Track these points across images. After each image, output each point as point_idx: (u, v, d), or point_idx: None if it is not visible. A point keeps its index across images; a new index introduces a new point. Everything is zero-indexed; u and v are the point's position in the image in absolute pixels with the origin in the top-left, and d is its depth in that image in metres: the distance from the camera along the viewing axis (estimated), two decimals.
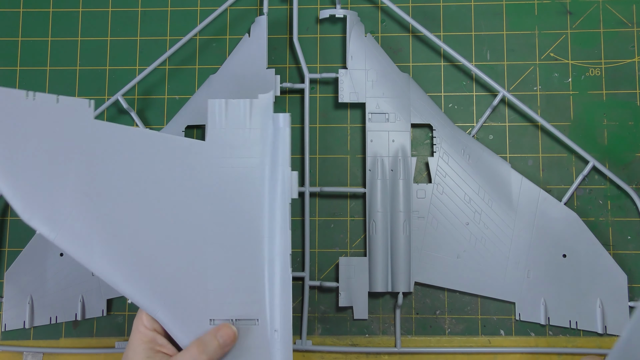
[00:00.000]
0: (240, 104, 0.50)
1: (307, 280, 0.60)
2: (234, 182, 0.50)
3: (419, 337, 0.60)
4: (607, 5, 0.63)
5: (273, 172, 0.49)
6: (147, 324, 0.47)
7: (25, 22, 0.66)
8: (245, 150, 0.50)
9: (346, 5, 0.64)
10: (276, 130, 0.50)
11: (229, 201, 0.49)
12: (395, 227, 0.59)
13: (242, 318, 0.48)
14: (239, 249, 0.49)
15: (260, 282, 0.49)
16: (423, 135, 0.62)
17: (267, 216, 0.49)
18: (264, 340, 0.48)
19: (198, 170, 0.49)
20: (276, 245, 0.49)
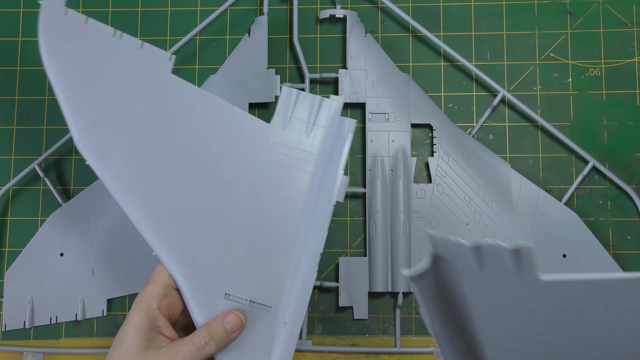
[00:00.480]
0: (310, 99, 0.51)
1: None
2: (285, 169, 0.50)
3: (419, 337, 0.60)
4: (607, 5, 0.63)
5: (326, 172, 0.50)
6: (151, 298, 0.46)
7: (25, 22, 0.66)
8: (304, 143, 0.51)
9: (346, 5, 0.64)
10: (340, 134, 0.50)
11: (274, 187, 0.50)
12: (395, 227, 0.59)
13: (256, 301, 0.48)
14: (272, 236, 0.49)
15: (283, 272, 0.49)
16: (423, 135, 0.62)
17: (308, 212, 0.49)
18: (271, 329, 0.48)
19: (254, 148, 0.50)
20: (309, 242, 0.49)
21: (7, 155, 0.64)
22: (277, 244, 0.49)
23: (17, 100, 0.64)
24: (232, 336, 0.47)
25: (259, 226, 0.49)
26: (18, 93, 0.64)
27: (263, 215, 0.49)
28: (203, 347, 0.46)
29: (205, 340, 0.46)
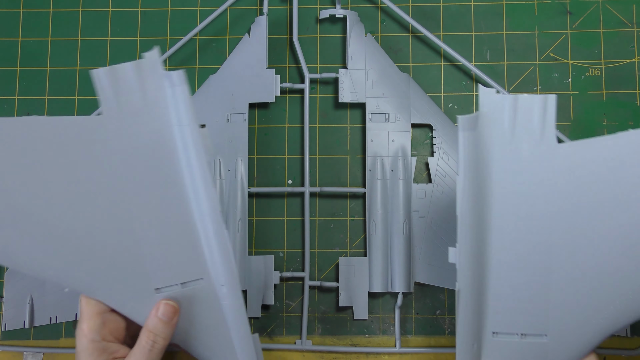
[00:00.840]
0: (127, 68, 0.46)
1: (307, 280, 0.60)
2: (144, 149, 0.47)
3: (419, 337, 0.60)
4: (607, 5, 0.63)
5: (182, 131, 0.47)
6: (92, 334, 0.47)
7: (25, 22, 0.66)
8: (145, 115, 0.47)
9: (346, 5, 0.64)
10: (173, 89, 0.46)
11: (145, 169, 0.47)
12: (395, 227, 0.59)
13: (187, 280, 0.48)
14: (168, 214, 0.47)
15: (196, 241, 0.48)
16: (423, 135, 0.62)
17: (187, 176, 0.47)
18: (213, 297, 0.48)
19: (104, 145, 0.46)
20: (203, 203, 0.47)
21: None
22: (177, 219, 0.47)
23: (17, 100, 0.64)
24: (173, 323, 0.47)
25: (153, 212, 0.47)
26: (18, 93, 0.65)
27: (151, 200, 0.47)
28: (152, 346, 0.47)
29: (150, 339, 0.46)
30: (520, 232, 0.45)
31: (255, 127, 0.63)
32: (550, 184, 0.44)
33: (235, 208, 0.60)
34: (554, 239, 0.44)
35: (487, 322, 0.46)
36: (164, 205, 0.47)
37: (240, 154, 0.60)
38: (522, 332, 0.46)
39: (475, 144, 0.44)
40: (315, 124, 0.63)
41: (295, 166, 0.62)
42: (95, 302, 0.47)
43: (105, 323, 0.47)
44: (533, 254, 0.45)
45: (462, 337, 0.47)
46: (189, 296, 0.48)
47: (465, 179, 0.45)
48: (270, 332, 0.61)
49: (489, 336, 0.46)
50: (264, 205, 0.62)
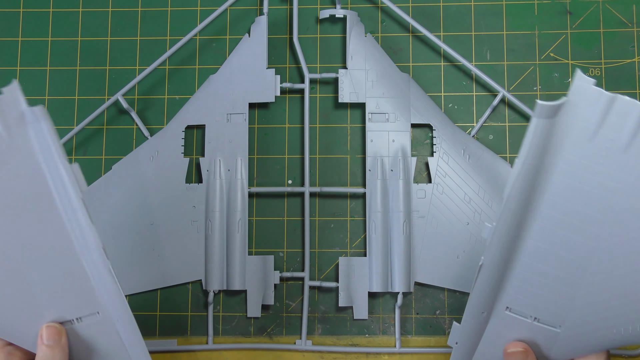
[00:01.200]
0: None
1: (307, 280, 0.60)
2: (16, 190, 0.44)
3: (419, 337, 0.60)
4: (607, 5, 0.63)
5: (53, 169, 0.44)
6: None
7: (25, 22, 0.66)
8: (11, 156, 0.44)
9: (346, 5, 0.64)
10: (35, 126, 0.43)
11: (20, 211, 0.45)
12: (395, 227, 0.59)
13: (83, 315, 0.47)
14: (50, 253, 0.45)
15: (83, 277, 0.46)
16: (423, 135, 0.62)
17: (64, 213, 0.45)
18: (111, 328, 0.47)
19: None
20: (86, 239, 0.45)
21: None
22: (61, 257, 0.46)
23: None
24: (63, 343, 0.46)
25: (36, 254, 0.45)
26: None
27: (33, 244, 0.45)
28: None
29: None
30: (566, 228, 0.44)
31: (255, 127, 0.63)
32: (616, 194, 0.42)
33: (235, 208, 0.60)
34: (598, 244, 0.43)
35: (504, 297, 0.46)
36: (44, 245, 0.45)
37: (240, 154, 0.61)
38: (536, 316, 0.46)
39: (547, 132, 0.41)
40: (315, 124, 0.63)
41: (295, 166, 0.62)
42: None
43: (11, 353, 0.47)
44: (572, 251, 0.44)
45: (472, 304, 0.48)
46: (88, 331, 0.47)
47: (524, 164, 0.42)
48: (270, 332, 0.61)
49: (501, 309, 0.47)
50: (264, 205, 0.62)
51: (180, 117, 0.62)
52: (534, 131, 0.41)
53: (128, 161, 0.62)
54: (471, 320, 0.48)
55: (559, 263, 0.45)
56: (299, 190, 0.61)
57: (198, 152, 0.63)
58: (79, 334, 0.47)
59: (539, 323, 0.47)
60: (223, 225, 0.60)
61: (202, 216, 0.60)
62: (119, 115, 0.64)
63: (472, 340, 0.49)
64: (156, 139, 0.62)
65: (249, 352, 0.60)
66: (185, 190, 0.61)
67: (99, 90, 0.64)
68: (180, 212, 0.60)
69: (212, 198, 0.60)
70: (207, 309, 0.60)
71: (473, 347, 0.49)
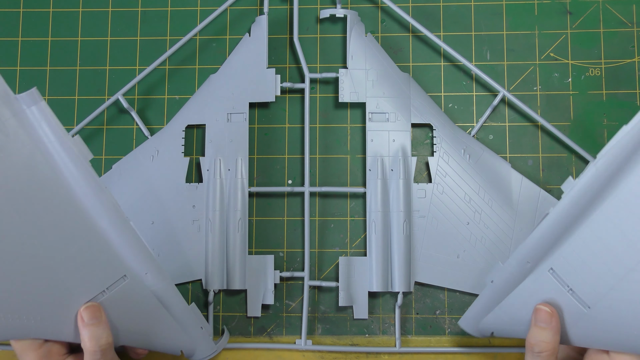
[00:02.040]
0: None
1: (307, 280, 0.59)
2: (23, 178, 0.46)
3: (419, 337, 0.60)
4: (607, 5, 0.63)
5: (55, 146, 0.46)
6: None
7: (25, 22, 0.66)
8: (12, 145, 0.45)
9: (346, 5, 0.64)
10: (31, 110, 0.45)
11: (30, 196, 0.46)
12: (395, 227, 0.59)
13: (111, 283, 0.49)
14: (68, 230, 0.47)
15: (105, 244, 0.48)
16: (423, 135, 0.62)
17: (76, 186, 0.47)
18: (142, 288, 0.49)
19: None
20: (99, 203, 0.47)
21: None
22: (79, 228, 0.47)
23: None
24: (104, 320, 0.48)
25: (53, 231, 0.47)
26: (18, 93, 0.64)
27: (46, 222, 0.46)
28: (101, 351, 0.47)
29: (93, 346, 0.47)
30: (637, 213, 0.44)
31: (256, 127, 0.63)
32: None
33: (235, 208, 0.60)
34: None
35: (552, 257, 0.48)
36: (62, 223, 0.47)
37: (241, 153, 0.60)
38: (573, 288, 0.48)
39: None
40: (316, 124, 0.63)
41: (295, 166, 0.62)
42: (29, 341, 0.48)
43: (49, 350, 0.49)
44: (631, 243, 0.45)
45: (523, 250, 0.49)
46: (120, 296, 0.49)
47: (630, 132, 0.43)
48: (270, 332, 0.61)
49: (545, 267, 0.48)
50: (264, 205, 0.62)
51: (181, 116, 0.62)
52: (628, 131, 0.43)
53: (128, 161, 0.62)
54: (515, 266, 0.49)
55: (616, 249, 0.45)
56: (299, 190, 0.61)
57: (198, 151, 0.63)
58: (112, 302, 0.49)
59: (572, 296, 0.48)
60: (223, 225, 0.60)
61: (202, 216, 0.60)
62: (119, 115, 0.64)
63: (508, 285, 0.50)
64: (156, 139, 0.62)
65: (249, 351, 0.60)
66: (185, 189, 0.61)
67: (99, 90, 0.64)
68: (181, 211, 0.60)
69: (212, 198, 0.60)
70: (207, 308, 0.60)
71: (505, 292, 0.51)
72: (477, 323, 0.53)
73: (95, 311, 0.48)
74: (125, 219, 0.48)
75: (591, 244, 0.46)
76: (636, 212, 0.44)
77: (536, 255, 0.49)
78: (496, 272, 0.51)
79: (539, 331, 0.48)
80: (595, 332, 0.48)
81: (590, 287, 0.47)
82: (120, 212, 0.48)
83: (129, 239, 0.48)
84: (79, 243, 0.47)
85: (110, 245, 0.48)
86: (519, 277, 0.50)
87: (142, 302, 0.50)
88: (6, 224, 0.45)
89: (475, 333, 0.54)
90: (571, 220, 0.47)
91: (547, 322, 0.48)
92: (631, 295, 0.46)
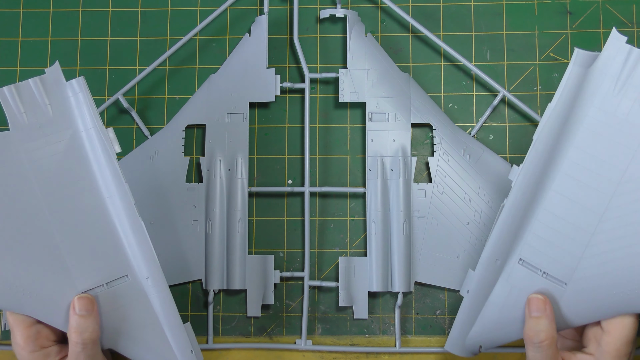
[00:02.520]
0: (31, 85, 0.50)
1: (307, 280, 0.59)
2: (55, 157, 0.50)
3: (419, 337, 0.60)
4: (607, 5, 0.63)
5: (89, 135, 0.50)
6: (29, 346, 0.48)
7: (25, 22, 0.66)
8: (53, 125, 0.50)
9: (346, 5, 0.64)
10: (75, 97, 0.50)
11: (57, 177, 0.50)
12: (395, 227, 0.59)
13: (111, 279, 0.50)
14: (85, 217, 0.50)
15: (116, 239, 0.50)
16: (423, 135, 0.62)
17: (100, 177, 0.50)
18: (140, 291, 0.50)
19: (13, 158, 0.49)
20: (117, 200, 0.49)
21: None
22: (94, 220, 0.50)
23: None
24: (94, 314, 0.48)
25: (70, 217, 0.49)
26: None
27: (67, 206, 0.49)
28: (84, 344, 0.48)
29: (78, 338, 0.47)
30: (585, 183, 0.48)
31: (256, 127, 0.63)
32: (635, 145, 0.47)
33: (235, 208, 0.60)
34: (612, 203, 0.47)
35: (518, 248, 0.50)
36: (80, 209, 0.49)
37: (241, 153, 0.60)
38: (546, 271, 0.49)
39: (580, 80, 0.48)
40: (316, 124, 0.63)
41: (295, 166, 0.62)
42: (22, 317, 0.49)
43: (39, 332, 0.49)
44: (585, 210, 0.48)
45: (489, 249, 0.50)
46: (116, 294, 0.50)
47: (555, 108, 0.48)
48: (270, 332, 0.61)
49: (514, 260, 0.50)
50: (264, 205, 0.62)
51: (181, 116, 0.62)
52: (568, 77, 0.48)
53: (128, 161, 0.62)
54: (485, 267, 0.51)
55: (573, 220, 0.48)
56: (299, 190, 0.61)
57: (198, 151, 0.63)
58: (108, 299, 0.49)
59: (547, 278, 0.49)
60: (223, 224, 0.60)
61: (202, 216, 0.60)
62: (119, 115, 0.64)
63: (484, 290, 0.51)
64: (156, 139, 0.62)
65: (249, 352, 0.60)
66: (185, 189, 0.61)
67: (99, 90, 0.64)
68: (180, 211, 0.60)
69: (212, 198, 0.60)
70: (207, 308, 0.60)
71: (483, 299, 0.51)
72: (463, 341, 0.53)
73: (87, 303, 0.48)
74: (138, 219, 0.49)
75: (550, 223, 0.49)
76: (580, 179, 0.48)
77: (503, 250, 0.50)
78: (469, 280, 0.52)
79: (535, 321, 0.48)
80: (580, 306, 0.49)
81: (561, 264, 0.49)
82: (135, 211, 0.49)
83: (138, 239, 0.49)
84: (92, 232, 0.49)
85: (119, 241, 0.50)
86: (493, 278, 0.51)
87: (137, 307, 0.50)
88: (32, 198, 0.49)
89: (464, 353, 0.54)
90: (525, 206, 0.49)
91: (542, 310, 0.48)
92: (600, 258, 0.48)
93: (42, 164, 0.49)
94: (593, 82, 0.48)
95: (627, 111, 0.47)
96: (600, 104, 0.48)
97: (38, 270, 0.48)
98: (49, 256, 0.49)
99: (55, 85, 0.50)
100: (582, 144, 0.48)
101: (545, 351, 0.48)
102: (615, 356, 0.47)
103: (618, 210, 0.47)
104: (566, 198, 0.48)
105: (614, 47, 0.47)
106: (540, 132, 0.49)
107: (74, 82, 0.50)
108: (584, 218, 0.48)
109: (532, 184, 0.49)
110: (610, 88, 0.48)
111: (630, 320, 0.47)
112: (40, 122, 0.50)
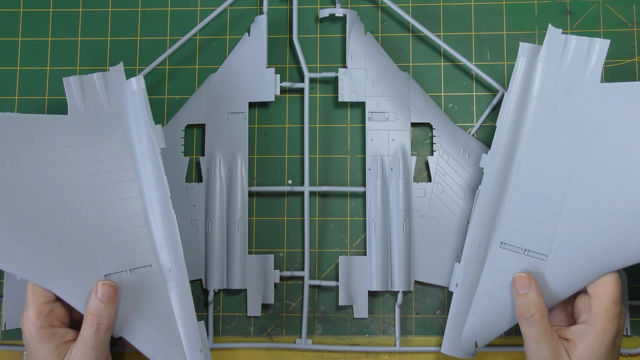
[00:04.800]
0: (94, 78, 0.55)
1: (307, 280, 0.59)
2: (105, 144, 0.54)
3: (419, 337, 0.60)
4: (607, 5, 0.63)
5: (138, 130, 0.54)
6: (39, 321, 0.49)
7: (25, 22, 0.66)
8: (108, 116, 0.55)
9: (346, 5, 0.64)
10: (132, 94, 0.54)
11: (102, 163, 0.54)
12: (395, 226, 0.59)
13: (136, 267, 0.52)
14: (118, 203, 0.53)
15: (145, 229, 0.52)
16: (423, 135, 0.62)
17: (141, 168, 0.53)
18: (160, 283, 0.52)
19: (67, 140, 0.53)
20: (153, 192, 0.52)
21: None
22: (127, 208, 0.53)
23: (17, 100, 0.64)
24: (114, 302, 0.50)
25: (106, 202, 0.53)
26: (18, 93, 0.65)
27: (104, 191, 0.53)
28: (98, 328, 0.49)
29: (94, 322, 0.49)
30: (545, 156, 0.52)
31: (255, 127, 0.63)
32: (586, 118, 0.51)
33: (235, 207, 0.60)
34: (574, 170, 0.51)
35: (498, 232, 0.53)
36: (117, 197, 0.53)
37: (240, 153, 0.61)
38: (526, 248, 0.52)
39: (530, 69, 0.54)
40: (315, 124, 0.63)
41: (295, 166, 0.62)
42: (42, 292, 0.50)
43: (52, 310, 0.50)
44: (551, 182, 0.52)
45: (471, 237, 0.54)
46: (136, 282, 0.51)
47: (512, 97, 0.54)
48: (270, 332, 0.61)
49: (496, 244, 0.53)
50: (264, 204, 0.62)
51: (180, 116, 0.62)
52: (519, 67, 0.54)
53: None
54: (470, 256, 0.53)
55: (543, 193, 0.52)
56: (299, 189, 0.61)
57: (198, 151, 0.63)
58: (129, 286, 0.51)
59: (529, 254, 0.52)
60: (223, 224, 0.60)
61: (202, 215, 0.60)
62: None
63: (472, 280, 0.53)
64: None
65: (248, 351, 0.60)
66: (185, 189, 0.61)
67: None
68: (180, 211, 0.60)
69: (212, 197, 0.60)
70: (207, 308, 0.60)
71: (472, 289, 0.53)
72: (459, 339, 0.54)
73: (110, 290, 0.49)
74: (172, 211, 0.52)
75: (523, 201, 0.52)
76: (542, 154, 0.52)
77: (483, 236, 0.53)
78: (456, 273, 0.55)
79: (523, 298, 0.50)
80: (564, 275, 0.50)
81: (539, 238, 0.52)
82: (170, 203, 0.52)
83: (167, 231, 0.52)
84: (124, 219, 0.52)
85: (149, 231, 0.52)
86: (478, 267, 0.53)
87: (155, 298, 0.52)
88: (76, 181, 0.52)
89: (460, 353, 0.55)
90: (498, 190, 0.54)
91: (527, 287, 0.50)
92: (573, 222, 0.50)
93: (90, 150, 0.53)
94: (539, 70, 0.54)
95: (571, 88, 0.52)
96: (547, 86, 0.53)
97: (69, 249, 0.51)
98: (82, 237, 0.51)
99: (117, 82, 0.55)
100: (537, 121, 0.53)
101: (537, 324, 0.49)
102: (606, 317, 0.48)
103: (581, 174, 0.51)
104: (533, 175, 0.52)
105: (551, 38, 0.53)
106: (501, 118, 0.54)
107: (133, 80, 0.54)
108: (552, 189, 0.52)
109: (501, 168, 0.53)
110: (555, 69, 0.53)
111: (612, 278, 0.49)
112: (96, 113, 0.55)
